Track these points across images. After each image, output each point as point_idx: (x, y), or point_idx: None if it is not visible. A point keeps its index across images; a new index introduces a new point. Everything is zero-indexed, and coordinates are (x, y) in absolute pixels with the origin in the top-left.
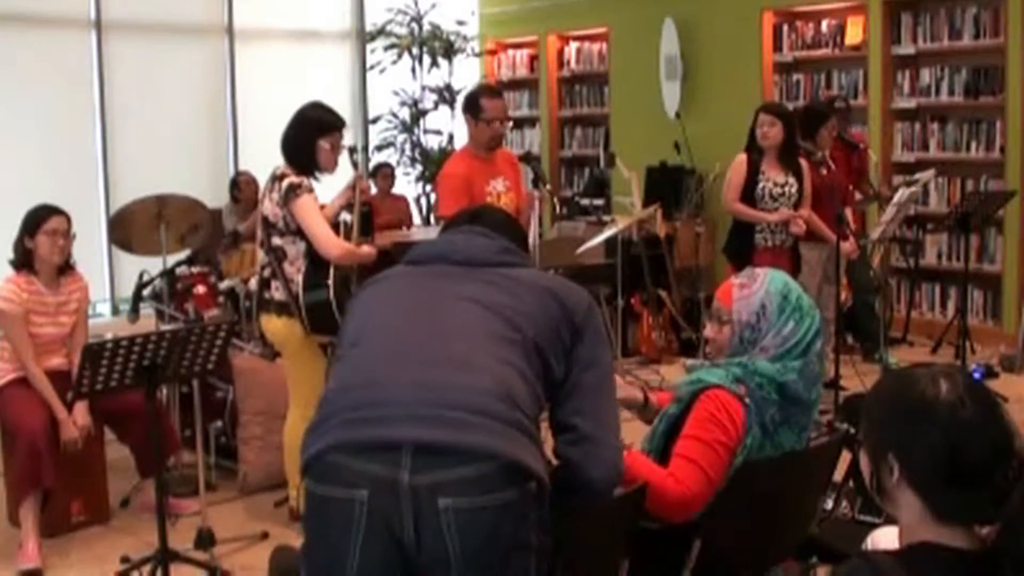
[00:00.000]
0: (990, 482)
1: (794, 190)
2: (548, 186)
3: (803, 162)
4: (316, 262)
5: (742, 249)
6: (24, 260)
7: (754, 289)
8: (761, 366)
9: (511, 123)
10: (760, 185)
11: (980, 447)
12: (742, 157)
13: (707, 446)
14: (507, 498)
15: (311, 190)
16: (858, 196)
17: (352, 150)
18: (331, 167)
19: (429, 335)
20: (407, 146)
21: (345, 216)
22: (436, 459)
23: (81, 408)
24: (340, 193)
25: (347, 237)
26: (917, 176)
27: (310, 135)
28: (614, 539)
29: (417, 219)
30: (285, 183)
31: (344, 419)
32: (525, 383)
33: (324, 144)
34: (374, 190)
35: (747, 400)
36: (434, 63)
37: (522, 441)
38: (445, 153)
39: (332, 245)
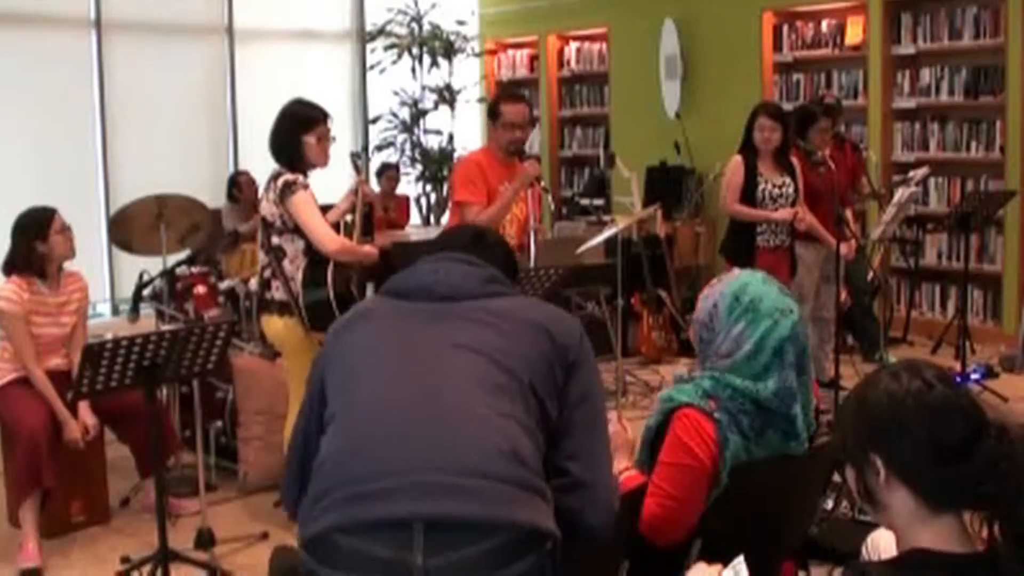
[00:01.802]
0: (975, 454)
1: (791, 190)
2: (543, 183)
3: (795, 160)
4: (316, 259)
5: (743, 250)
6: (27, 264)
7: (716, 289)
8: (733, 381)
9: (533, 128)
10: (760, 187)
11: (957, 422)
12: (738, 159)
13: (675, 470)
14: (525, 567)
15: (307, 187)
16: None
17: (356, 155)
18: (321, 162)
19: (425, 390)
20: (407, 146)
21: (346, 216)
22: (450, 536)
23: (86, 408)
24: (343, 198)
25: (348, 236)
26: (911, 174)
27: (294, 132)
28: (614, 540)
29: (417, 219)
30: (281, 181)
31: (345, 495)
32: (527, 434)
33: (309, 139)
34: (377, 191)
35: (717, 415)
36: (434, 63)
37: (535, 502)
38: (445, 153)
39: (329, 240)
